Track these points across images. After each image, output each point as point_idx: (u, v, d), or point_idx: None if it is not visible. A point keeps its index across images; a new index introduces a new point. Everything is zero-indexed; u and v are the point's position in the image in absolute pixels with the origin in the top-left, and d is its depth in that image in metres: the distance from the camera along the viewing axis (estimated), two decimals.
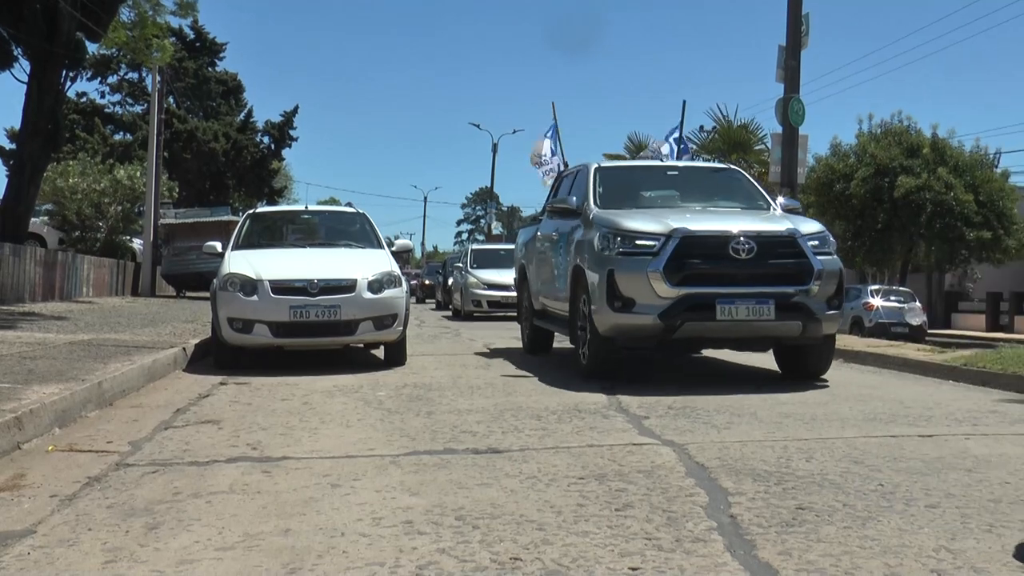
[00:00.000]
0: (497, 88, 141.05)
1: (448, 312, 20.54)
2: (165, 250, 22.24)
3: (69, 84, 16.60)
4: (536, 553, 2.62)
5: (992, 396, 6.14)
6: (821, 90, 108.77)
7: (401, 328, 7.86)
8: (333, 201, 40.41)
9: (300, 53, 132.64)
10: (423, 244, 80.00)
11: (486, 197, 69.14)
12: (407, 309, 8.06)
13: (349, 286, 7.59)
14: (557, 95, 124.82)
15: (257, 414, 5.18)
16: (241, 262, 7.90)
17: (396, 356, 7.97)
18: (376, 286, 7.70)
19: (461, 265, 19.06)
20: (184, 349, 7.67)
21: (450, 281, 20.74)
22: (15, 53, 14.30)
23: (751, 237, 6.28)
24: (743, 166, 18.82)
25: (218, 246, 8.58)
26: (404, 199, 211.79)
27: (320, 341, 7.74)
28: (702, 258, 6.28)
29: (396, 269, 8.12)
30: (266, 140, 36.87)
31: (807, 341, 6.56)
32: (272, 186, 37.58)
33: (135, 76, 36.97)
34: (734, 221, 6.62)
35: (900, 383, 6.91)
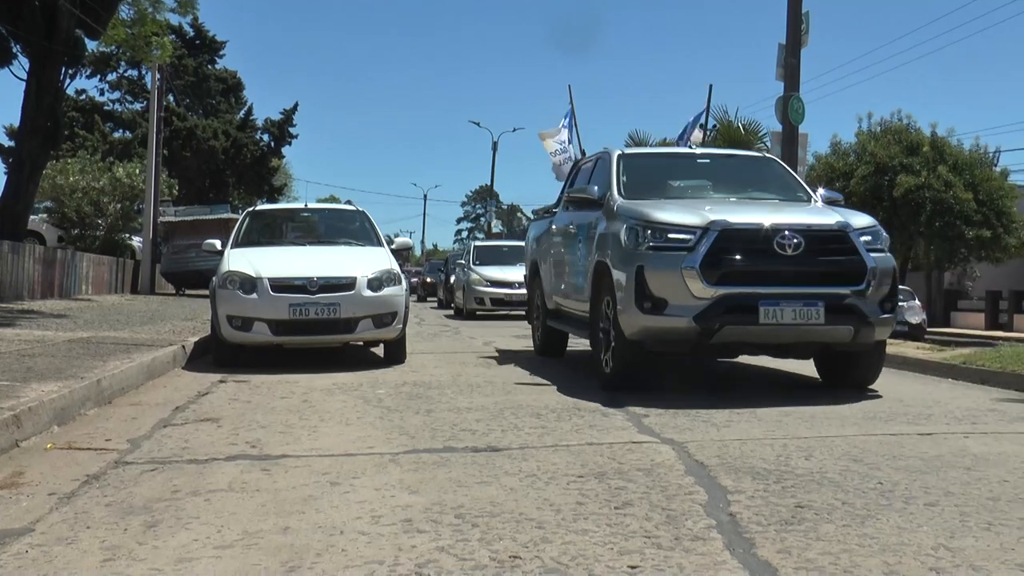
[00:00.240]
0: (497, 87, 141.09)
1: (450, 311, 20.08)
2: (164, 248, 22.25)
3: (68, 81, 16.62)
4: (535, 551, 2.62)
5: (991, 394, 6.14)
6: (821, 88, 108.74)
7: (401, 326, 7.86)
8: (333, 199, 40.48)
9: (300, 52, 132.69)
10: (423, 242, 79.94)
11: (486, 195, 69.00)
12: (407, 307, 8.07)
13: (349, 284, 7.59)
14: (557, 95, 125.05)
15: (256, 412, 5.18)
16: (241, 260, 7.90)
17: (396, 354, 7.97)
18: (376, 284, 7.70)
19: (463, 262, 18.41)
20: (183, 347, 7.66)
21: (452, 279, 20.21)
22: (14, 50, 14.26)
23: (798, 231, 5.65)
24: None
25: (217, 244, 8.59)
26: (404, 197, 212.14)
27: (319, 339, 7.74)
28: (743, 254, 5.62)
29: (396, 267, 8.11)
30: (266, 138, 36.88)
31: (858, 347, 5.93)
32: (272, 184, 37.59)
33: (135, 74, 36.98)
34: (777, 213, 5.98)
35: (899, 381, 6.90)
